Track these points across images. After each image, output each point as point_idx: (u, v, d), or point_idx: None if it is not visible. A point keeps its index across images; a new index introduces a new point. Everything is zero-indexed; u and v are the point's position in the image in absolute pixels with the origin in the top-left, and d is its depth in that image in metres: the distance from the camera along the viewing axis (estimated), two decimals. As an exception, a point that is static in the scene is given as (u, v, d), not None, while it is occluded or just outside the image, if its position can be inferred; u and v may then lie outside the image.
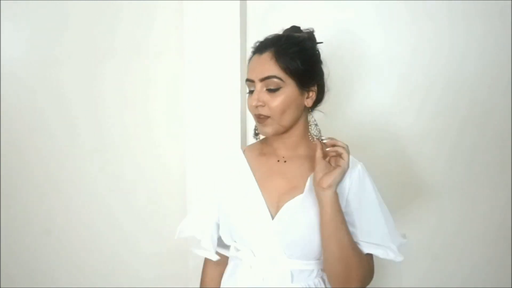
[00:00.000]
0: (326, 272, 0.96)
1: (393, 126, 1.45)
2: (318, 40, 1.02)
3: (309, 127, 1.00)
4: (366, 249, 0.96)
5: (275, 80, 0.92)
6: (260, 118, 0.95)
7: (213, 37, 1.50)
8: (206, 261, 1.16)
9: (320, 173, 0.91)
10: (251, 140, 1.47)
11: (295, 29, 1.00)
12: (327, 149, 0.93)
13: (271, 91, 0.93)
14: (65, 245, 1.66)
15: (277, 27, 1.44)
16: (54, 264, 1.66)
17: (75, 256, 1.67)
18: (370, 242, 0.96)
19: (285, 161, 1.01)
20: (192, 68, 1.53)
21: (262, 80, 0.93)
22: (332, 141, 0.92)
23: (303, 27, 1.03)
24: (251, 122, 1.45)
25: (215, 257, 1.07)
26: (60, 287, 1.65)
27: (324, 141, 0.93)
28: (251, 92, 0.97)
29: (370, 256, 0.98)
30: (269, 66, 0.92)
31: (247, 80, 0.97)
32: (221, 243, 1.09)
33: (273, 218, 0.95)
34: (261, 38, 1.00)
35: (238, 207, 1.00)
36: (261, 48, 0.96)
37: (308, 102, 0.98)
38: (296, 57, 0.93)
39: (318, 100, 1.01)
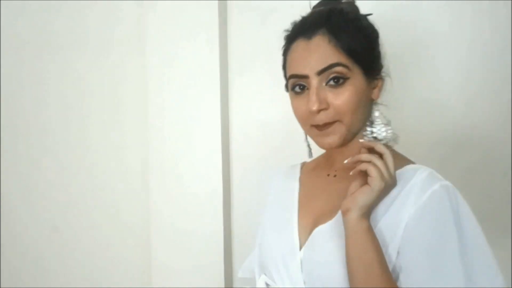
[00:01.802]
0: None
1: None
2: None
3: (370, 129, 0.77)
4: None
5: (340, 68, 0.72)
6: (321, 126, 0.74)
7: (184, 24, 1.31)
8: None
9: (348, 194, 0.71)
10: (235, 149, 1.38)
11: None
12: (346, 161, 0.74)
13: (335, 85, 0.73)
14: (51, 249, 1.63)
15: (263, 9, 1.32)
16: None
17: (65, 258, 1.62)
18: None
19: (334, 176, 0.82)
20: (156, 65, 1.35)
21: (321, 72, 0.73)
22: (365, 149, 0.72)
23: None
24: (236, 128, 1.38)
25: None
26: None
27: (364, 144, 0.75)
28: (299, 91, 0.76)
29: None
30: (328, 51, 0.73)
31: (294, 76, 0.76)
32: None
33: (301, 247, 0.77)
34: (297, 18, 0.80)
35: (270, 233, 0.85)
36: (307, 30, 0.76)
37: (376, 93, 0.78)
38: (358, 35, 0.74)
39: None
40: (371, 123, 0.78)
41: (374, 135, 0.76)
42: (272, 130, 1.31)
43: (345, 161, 0.74)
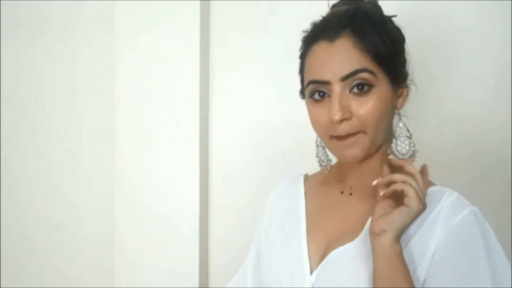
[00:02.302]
0: None
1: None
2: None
3: (395, 141, 0.75)
4: None
5: (366, 75, 0.70)
6: (343, 137, 0.72)
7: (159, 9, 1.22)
8: None
9: (378, 214, 0.70)
10: (214, 154, 1.29)
11: None
12: (375, 182, 0.71)
13: (359, 92, 0.71)
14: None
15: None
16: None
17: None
18: None
19: (350, 194, 0.80)
20: (126, 55, 1.26)
21: (345, 78, 0.70)
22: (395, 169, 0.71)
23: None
24: (218, 131, 1.30)
25: None
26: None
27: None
28: (318, 98, 0.74)
29: None
30: (353, 56, 0.70)
31: (314, 82, 0.73)
32: None
33: (312, 272, 0.75)
34: (316, 19, 0.77)
35: (272, 252, 0.83)
36: (330, 31, 0.73)
37: (400, 103, 0.77)
38: (385, 39, 0.71)
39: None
40: (394, 135, 0.77)
41: (399, 148, 0.75)
42: (257, 146, 1.24)
43: (374, 182, 0.71)
